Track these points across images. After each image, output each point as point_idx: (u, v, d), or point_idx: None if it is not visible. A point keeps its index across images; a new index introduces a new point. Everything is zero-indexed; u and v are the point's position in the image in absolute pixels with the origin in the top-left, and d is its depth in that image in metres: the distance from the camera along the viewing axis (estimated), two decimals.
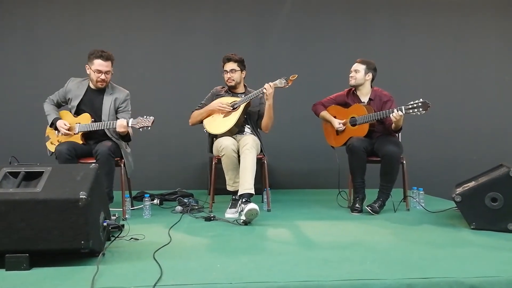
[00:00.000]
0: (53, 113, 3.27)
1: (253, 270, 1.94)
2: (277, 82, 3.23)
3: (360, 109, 3.39)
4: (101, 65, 3.17)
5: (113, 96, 3.29)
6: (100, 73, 3.18)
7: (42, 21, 4.66)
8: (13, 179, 2.09)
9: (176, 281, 1.77)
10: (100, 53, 3.17)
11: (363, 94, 3.50)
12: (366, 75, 3.44)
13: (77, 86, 3.31)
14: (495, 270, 1.94)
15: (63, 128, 3.16)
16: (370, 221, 3.06)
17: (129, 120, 3.12)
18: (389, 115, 3.20)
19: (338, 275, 1.85)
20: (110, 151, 3.07)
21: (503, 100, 4.97)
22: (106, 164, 3.02)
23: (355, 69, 3.47)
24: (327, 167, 4.32)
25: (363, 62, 3.47)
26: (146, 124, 3.08)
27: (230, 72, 3.41)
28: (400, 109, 3.14)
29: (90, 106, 3.27)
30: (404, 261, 2.09)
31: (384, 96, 3.45)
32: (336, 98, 3.61)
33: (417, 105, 3.08)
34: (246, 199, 3.00)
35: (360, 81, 3.45)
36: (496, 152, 4.73)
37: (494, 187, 2.67)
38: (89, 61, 3.21)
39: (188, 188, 4.20)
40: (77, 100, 3.26)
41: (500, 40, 4.99)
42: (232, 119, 3.33)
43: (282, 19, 4.84)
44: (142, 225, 2.86)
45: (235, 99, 3.40)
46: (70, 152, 3.03)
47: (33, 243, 1.92)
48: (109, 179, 3.08)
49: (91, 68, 3.20)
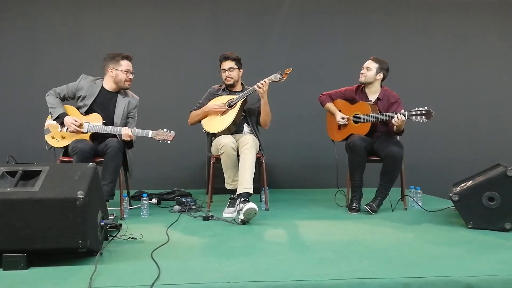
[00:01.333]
0: (59, 107, 3.19)
1: (251, 269, 1.94)
2: (272, 77, 3.25)
3: (365, 108, 3.38)
4: (129, 65, 3.25)
5: (127, 100, 3.31)
6: (129, 73, 3.25)
7: (40, 20, 4.65)
8: (10, 179, 2.08)
9: (174, 281, 1.77)
10: (124, 54, 3.26)
11: (372, 92, 3.48)
12: (377, 74, 3.42)
13: (90, 85, 3.27)
14: (492, 269, 1.95)
15: (74, 125, 3.10)
16: (368, 220, 3.07)
17: (149, 132, 3.13)
18: (391, 118, 3.20)
19: (335, 274, 1.86)
20: (120, 146, 3.07)
21: (501, 100, 4.99)
22: (115, 159, 3.01)
23: (367, 66, 3.44)
24: (326, 167, 4.33)
25: (377, 60, 3.44)
26: (166, 138, 3.16)
27: (228, 70, 3.42)
28: (403, 114, 3.13)
29: (102, 107, 3.24)
30: (402, 260, 2.10)
31: (392, 97, 3.43)
32: (345, 92, 3.59)
33: (421, 113, 3.07)
34: (244, 199, 3.00)
35: (370, 79, 3.43)
36: (494, 152, 4.74)
37: (491, 187, 2.68)
38: (112, 63, 3.23)
39: (186, 188, 4.19)
40: (91, 100, 3.22)
41: (498, 41, 5.00)
42: (229, 117, 3.33)
43: (281, 18, 4.84)
44: (140, 224, 2.86)
45: (231, 97, 3.40)
46: (91, 152, 3.01)
47: (31, 243, 1.92)
48: (114, 175, 3.06)
49: (118, 69, 3.22)
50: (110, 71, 3.24)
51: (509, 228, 2.65)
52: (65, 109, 3.23)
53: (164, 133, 3.15)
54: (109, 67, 3.24)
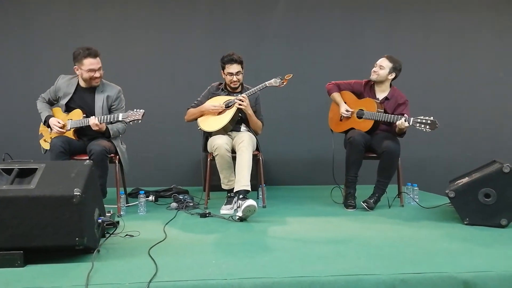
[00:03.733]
0: (45, 111, 3.23)
1: (248, 266, 1.94)
2: (272, 81, 3.25)
3: (371, 105, 3.35)
4: (92, 63, 3.08)
5: (105, 94, 3.23)
6: (93, 72, 3.11)
7: (36, 20, 4.61)
8: (6, 176, 2.07)
9: (171, 278, 1.78)
10: (87, 51, 3.08)
11: (381, 90, 3.46)
12: (390, 74, 3.38)
13: (66, 84, 3.24)
14: (488, 265, 1.96)
15: (56, 126, 3.12)
16: (365, 217, 3.08)
17: (119, 115, 3.07)
18: (394, 122, 3.19)
19: (332, 271, 1.86)
20: (104, 150, 3.02)
21: (498, 97, 4.99)
22: (100, 164, 2.98)
23: (380, 64, 3.39)
24: (322, 164, 4.33)
25: (391, 59, 3.39)
26: (136, 118, 3.03)
27: (236, 74, 3.34)
28: (408, 121, 3.10)
29: (81, 104, 3.21)
30: (398, 256, 2.11)
31: (400, 98, 3.41)
32: (353, 85, 3.55)
33: (426, 122, 3.05)
34: (243, 196, 3.00)
35: (382, 78, 3.39)
36: (490, 149, 4.76)
37: (487, 183, 2.70)
38: (77, 62, 3.11)
39: (183, 185, 4.19)
40: (66, 99, 3.21)
41: (495, 38, 5.00)
42: (226, 117, 3.32)
43: (278, 17, 4.82)
44: (137, 221, 2.86)
45: (229, 97, 3.39)
46: (64, 145, 3.00)
47: (27, 240, 1.91)
48: (103, 179, 3.05)
49: (81, 69, 3.11)
50: (76, 69, 3.16)
51: (505, 224, 2.66)
52: (52, 111, 3.25)
53: (133, 113, 3.04)
54: (74, 66, 3.15)
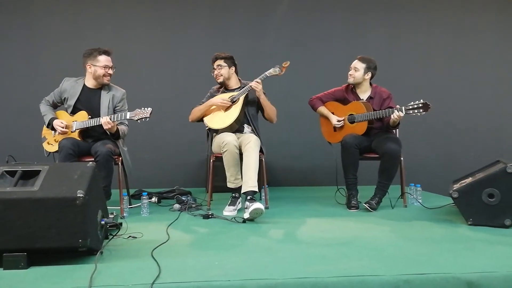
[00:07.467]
0: (49, 114, 3.26)
1: (251, 267, 1.94)
2: (271, 70, 3.31)
3: (359, 107, 3.38)
4: (107, 60, 3.23)
5: (111, 94, 3.29)
6: (108, 68, 3.22)
7: (39, 20, 4.63)
8: (10, 178, 2.08)
9: (174, 279, 1.77)
10: (102, 49, 3.22)
11: (362, 91, 3.48)
12: (365, 74, 3.41)
13: (72, 85, 3.29)
14: (492, 265, 1.95)
15: (60, 127, 3.14)
16: (368, 217, 3.07)
17: (127, 113, 3.11)
18: (388, 116, 3.20)
19: (336, 272, 1.86)
20: (110, 152, 3.05)
21: (501, 97, 4.98)
22: (106, 166, 3.01)
23: (354, 66, 3.43)
24: (325, 164, 4.33)
25: (364, 60, 3.42)
26: (144, 115, 3.07)
27: (217, 68, 3.45)
28: (401, 110, 3.13)
29: (87, 105, 3.25)
30: (402, 257, 2.10)
31: (384, 93, 3.44)
32: (334, 93, 3.59)
33: (418, 106, 3.08)
34: (251, 197, 3.01)
35: (359, 80, 3.43)
36: (493, 149, 4.74)
37: (491, 183, 2.68)
38: (90, 59, 3.21)
39: (186, 186, 4.20)
40: (74, 99, 3.25)
41: (497, 37, 4.99)
42: (234, 113, 3.34)
43: (280, 15, 4.83)
44: (140, 223, 2.86)
45: (233, 93, 3.41)
46: (74, 147, 3.01)
47: (31, 242, 1.92)
48: (108, 180, 3.07)
49: (96, 65, 3.20)
50: (89, 67, 3.23)
51: (509, 224, 2.65)
52: (56, 114, 3.28)
53: (140, 111, 3.08)
54: (87, 63, 3.23)
